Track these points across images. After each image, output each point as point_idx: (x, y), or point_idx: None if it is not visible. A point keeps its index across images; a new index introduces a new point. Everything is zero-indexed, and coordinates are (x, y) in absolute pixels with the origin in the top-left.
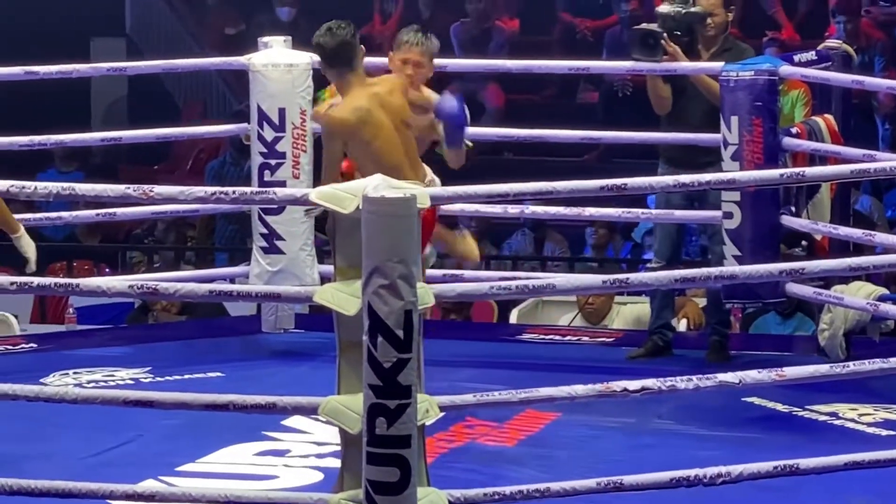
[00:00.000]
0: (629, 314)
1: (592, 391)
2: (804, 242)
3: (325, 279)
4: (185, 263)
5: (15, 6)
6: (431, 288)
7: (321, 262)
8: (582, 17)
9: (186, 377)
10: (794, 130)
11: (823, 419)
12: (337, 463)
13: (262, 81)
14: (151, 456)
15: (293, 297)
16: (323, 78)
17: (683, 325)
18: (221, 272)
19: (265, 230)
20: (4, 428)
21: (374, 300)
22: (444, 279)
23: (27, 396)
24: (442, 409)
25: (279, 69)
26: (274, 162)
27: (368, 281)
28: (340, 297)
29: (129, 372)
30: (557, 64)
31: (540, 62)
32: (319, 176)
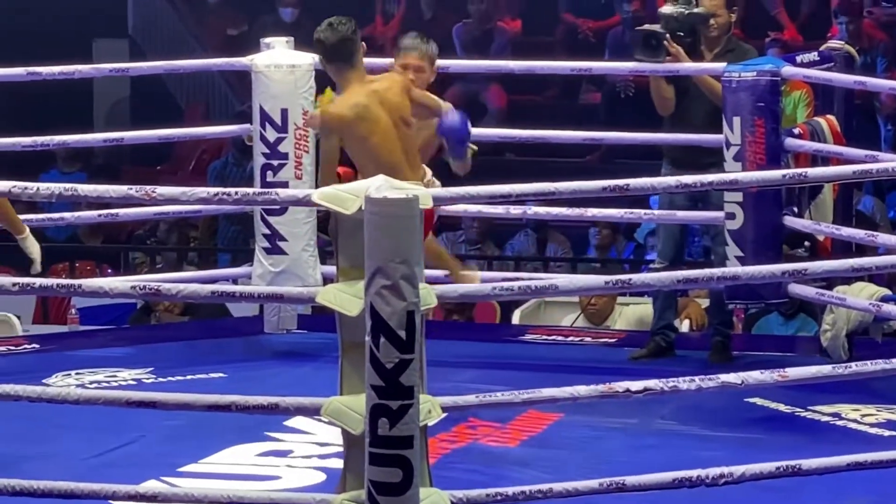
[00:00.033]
0: (631, 315)
1: (595, 392)
2: (807, 243)
3: (327, 280)
4: (187, 264)
5: (17, 7)
6: (434, 289)
7: (324, 262)
8: (584, 17)
9: (189, 378)
10: (796, 131)
11: (826, 420)
12: (339, 463)
13: (264, 82)
14: (154, 456)
15: (296, 297)
16: (325, 79)
17: (686, 325)
18: (224, 273)
19: (268, 231)
20: (6, 428)
21: (376, 301)
22: (446, 280)
23: (29, 397)
24: (444, 409)
25: (281, 70)
26: (276, 163)
27: (371, 281)
28: (343, 297)
29: (131, 372)
30: (560, 65)
31: (542, 63)
32: None
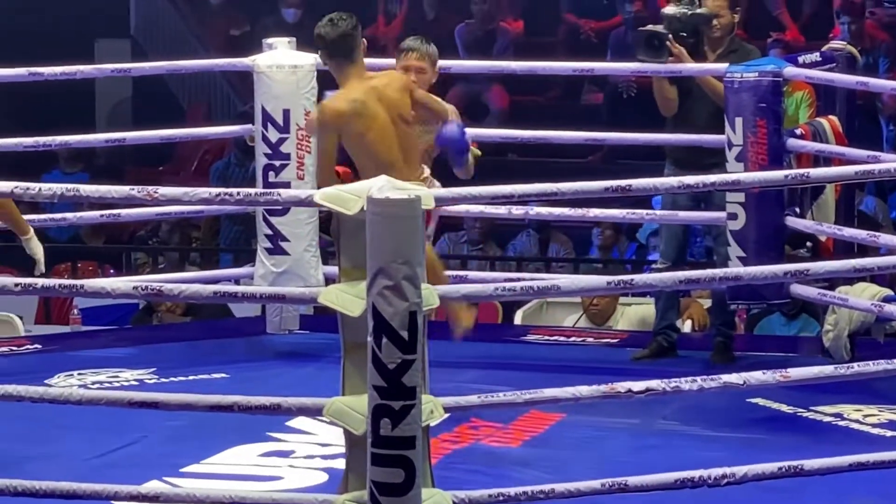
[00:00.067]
0: (634, 315)
1: (597, 392)
2: (809, 243)
3: (329, 280)
4: (189, 264)
5: (19, 7)
6: (436, 289)
7: (326, 263)
8: (586, 18)
9: (191, 378)
10: (798, 132)
11: (828, 420)
12: (341, 464)
13: (266, 83)
14: (156, 457)
15: (298, 298)
16: (327, 79)
17: (688, 326)
18: (226, 273)
19: (270, 231)
20: (9, 429)
21: (378, 301)
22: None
23: (32, 397)
24: (446, 410)
25: (283, 70)
26: (278, 163)
27: (373, 282)
28: (345, 298)
29: (133, 373)
30: (562, 65)
31: (544, 63)
32: None
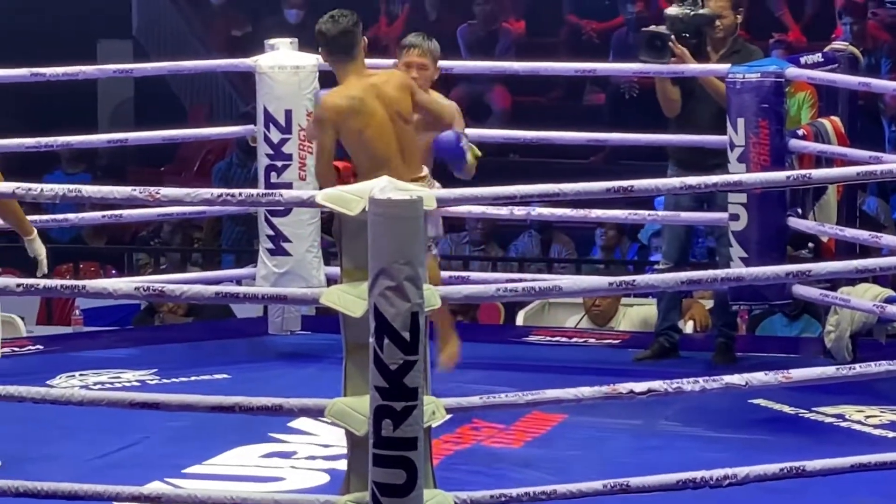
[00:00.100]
0: (636, 316)
1: (599, 393)
2: (811, 244)
3: (331, 281)
4: (191, 265)
5: (21, 8)
6: (438, 290)
7: (327, 263)
8: (588, 18)
9: (193, 379)
10: (800, 132)
11: (830, 421)
12: (343, 465)
13: (268, 83)
14: (157, 458)
15: (299, 298)
16: (329, 80)
17: (690, 326)
18: (228, 274)
19: (272, 232)
20: (10, 430)
21: (380, 302)
22: (450, 281)
23: (33, 398)
24: (448, 410)
25: (285, 71)
26: (280, 164)
27: (375, 283)
28: (347, 298)
29: (135, 374)
30: (564, 66)
31: (546, 64)
32: None
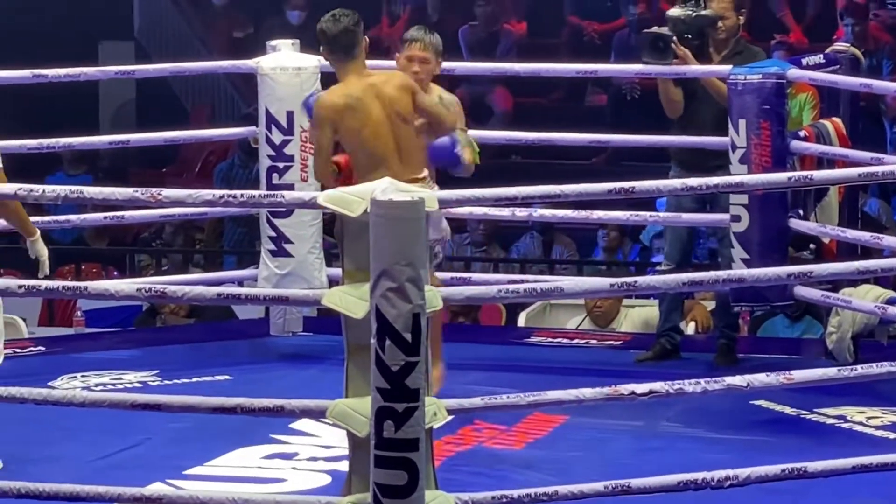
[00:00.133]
0: (637, 317)
1: (600, 394)
2: (812, 245)
3: (333, 282)
4: (193, 266)
5: (23, 9)
6: (440, 291)
7: (329, 265)
8: (590, 20)
9: (194, 380)
10: (801, 134)
11: (831, 422)
12: (345, 466)
13: (270, 85)
14: (159, 459)
15: (301, 300)
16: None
17: (692, 328)
18: (230, 275)
19: (273, 233)
20: (12, 431)
21: (382, 303)
22: (452, 282)
23: (35, 399)
24: (450, 412)
25: (287, 72)
26: (282, 165)
27: (376, 284)
28: (348, 300)
29: (137, 375)
30: (565, 67)
31: (548, 65)
32: None
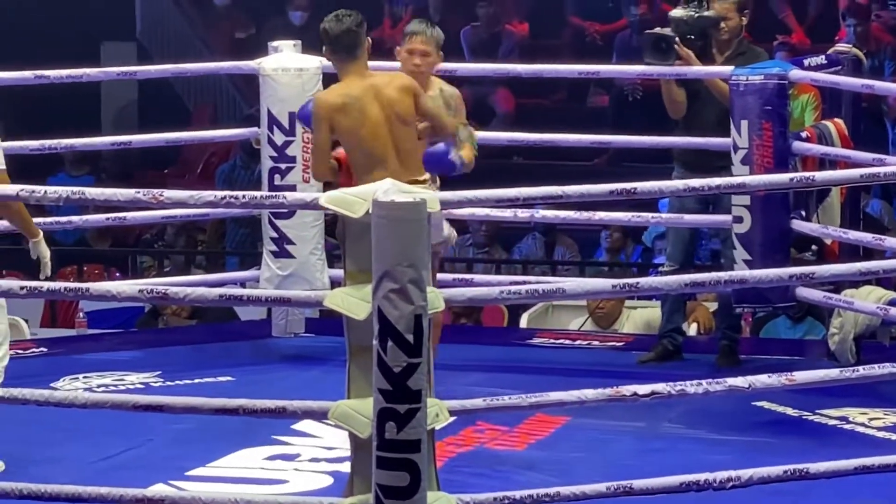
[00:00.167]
0: (639, 318)
1: (602, 395)
2: (814, 247)
3: (335, 283)
4: (195, 268)
5: (24, 10)
6: (442, 292)
7: (331, 266)
8: (591, 20)
9: (196, 381)
10: (803, 134)
11: (833, 423)
12: (347, 467)
13: (272, 85)
14: (161, 460)
15: (303, 301)
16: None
17: (694, 329)
18: (232, 276)
19: (275, 234)
20: (14, 432)
21: (384, 304)
22: (454, 283)
23: (37, 401)
24: (452, 413)
25: (289, 73)
26: (284, 166)
27: (378, 285)
28: (350, 301)
29: (139, 376)
30: (567, 68)
31: (550, 66)
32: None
